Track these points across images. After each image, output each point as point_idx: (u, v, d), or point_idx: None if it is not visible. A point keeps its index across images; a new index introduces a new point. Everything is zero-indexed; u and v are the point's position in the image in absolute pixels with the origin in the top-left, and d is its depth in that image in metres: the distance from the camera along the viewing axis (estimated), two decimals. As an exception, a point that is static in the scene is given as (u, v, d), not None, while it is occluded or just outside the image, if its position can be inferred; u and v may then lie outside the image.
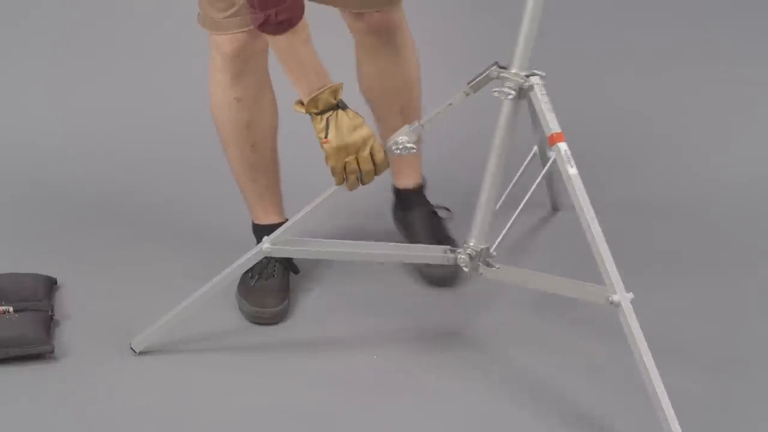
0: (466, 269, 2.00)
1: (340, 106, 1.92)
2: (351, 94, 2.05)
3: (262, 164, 2.29)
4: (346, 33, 2.30)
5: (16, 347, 2.06)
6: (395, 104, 2.33)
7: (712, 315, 2.23)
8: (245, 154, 2.26)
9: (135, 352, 2.10)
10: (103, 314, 2.24)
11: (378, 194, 2.37)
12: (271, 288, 2.22)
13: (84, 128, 2.96)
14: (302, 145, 2.27)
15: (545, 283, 1.94)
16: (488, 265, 1.99)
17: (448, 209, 2.48)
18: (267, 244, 2.03)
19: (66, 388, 2.03)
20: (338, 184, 1.97)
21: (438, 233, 2.39)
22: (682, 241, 2.53)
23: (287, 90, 2.00)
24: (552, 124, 1.86)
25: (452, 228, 2.42)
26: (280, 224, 2.25)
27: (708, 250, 2.49)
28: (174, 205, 2.69)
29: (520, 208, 2.18)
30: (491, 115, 1.95)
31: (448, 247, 2.04)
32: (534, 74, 1.89)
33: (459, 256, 2.00)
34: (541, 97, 1.87)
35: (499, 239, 2.01)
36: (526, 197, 2.22)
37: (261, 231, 2.31)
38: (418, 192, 2.44)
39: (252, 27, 2.02)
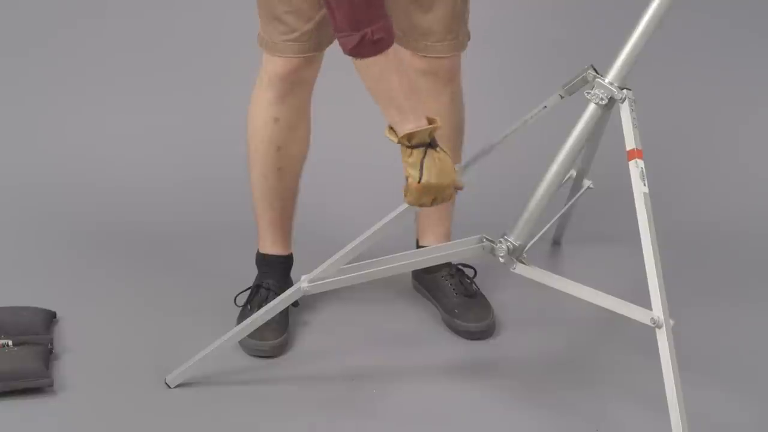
0: (502, 260, 1.98)
1: (432, 144, 1.85)
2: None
3: (282, 191, 2.28)
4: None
5: (15, 380, 2.02)
6: None
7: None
8: (269, 177, 2.25)
9: (170, 387, 2.06)
10: (103, 347, 2.21)
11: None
12: (271, 321, 2.15)
13: (82, 160, 2.92)
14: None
15: (585, 293, 1.92)
16: (522, 262, 1.99)
17: (472, 267, 2.38)
18: (305, 283, 1.98)
19: (65, 421, 1.99)
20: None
21: (468, 289, 2.33)
22: (738, 268, 2.55)
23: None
24: (635, 140, 1.87)
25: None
26: (284, 257, 2.33)
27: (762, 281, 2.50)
28: (175, 238, 2.66)
29: (549, 225, 2.20)
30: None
31: (485, 235, 2.03)
32: (627, 88, 1.90)
33: (498, 246, 1.98)
34: (630, 112, 1.88)
35: (533, 241, 2.01)
36: (552, 221, 2.24)
37: (264, 260, 2.33)
38: None
39: (307, 54, 2.07)
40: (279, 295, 2.16)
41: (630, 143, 1.87)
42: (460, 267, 2.38)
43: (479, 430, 1.98)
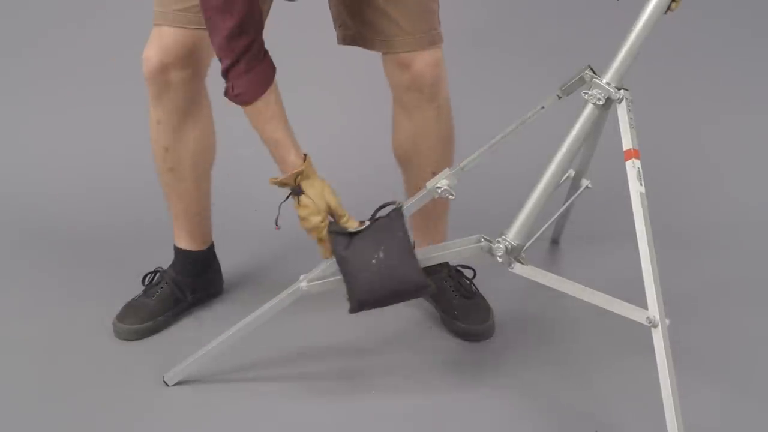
0: (500, 260, 1.99)
1: (296, 191, 1.98)
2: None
3: (178, 190, 2.28)
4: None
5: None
6: (429, 166, 2.22)
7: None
8: (163, 174, 2.26)
9: (168, 385, 2.08)
10: (103, 347, 2.23)
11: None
12: (143, 306, 2.24)
13: (76, 164, 2.98)
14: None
15: (581, 292, 1.91)
16: (520, 262, 1.99)
17: (471, 268, 2.38)
18: (304, 283, 1.99)
19: (65, 421, 2.00)
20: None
21: (467, 291, 2.34)
22: (736, 268, 2.55)
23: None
24: (632, 140, 1.87)
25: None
26: (182, 251, 2.35)
27: (757, 281, 2.50)
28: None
29: (547, 225, 2.19)
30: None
31: (483, 235, 2.03)
32: (624, 89, 1.91)
33: (496, 245, 1.98)
34: (627, 112, 1.89)
35: (531, 240, 2.01)
36: (551, 221, 2.24)
37: (175, 250, 2.36)
38: None
39: (198, 27, 2.00)
40: (168, 283, 2.28)
41: (627, 143, 1.87)
42: (459, 268, 2.38)
43: (479, 430, 1.98)
